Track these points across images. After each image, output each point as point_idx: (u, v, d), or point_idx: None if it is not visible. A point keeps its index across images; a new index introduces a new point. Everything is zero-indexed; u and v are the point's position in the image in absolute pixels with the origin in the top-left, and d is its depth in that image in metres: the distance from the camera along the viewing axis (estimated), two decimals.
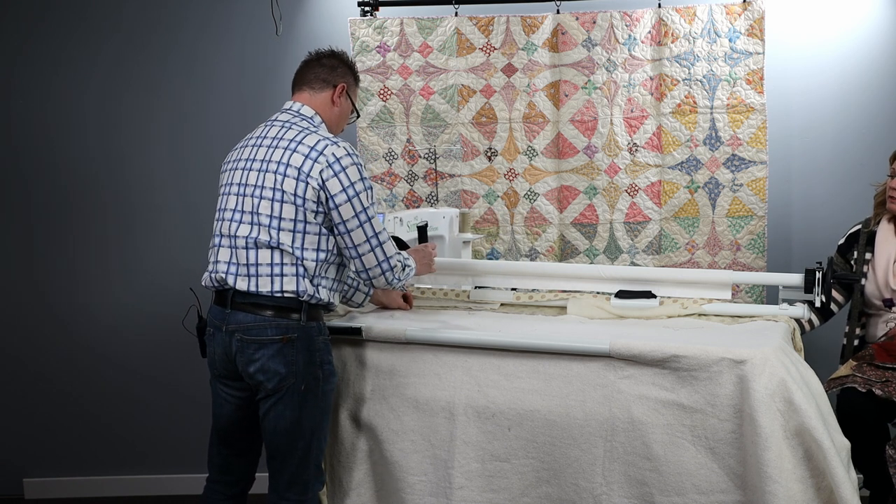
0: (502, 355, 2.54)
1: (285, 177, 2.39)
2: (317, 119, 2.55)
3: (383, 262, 2.46)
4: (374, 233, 2.43)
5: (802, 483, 2.23)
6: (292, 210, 2.38)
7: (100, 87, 3.81)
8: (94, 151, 3.84)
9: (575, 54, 3.45)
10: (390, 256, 2.47)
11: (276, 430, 2.43)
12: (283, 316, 2.39)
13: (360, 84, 2.74)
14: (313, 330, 2.44)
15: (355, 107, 2.67)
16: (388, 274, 2.47)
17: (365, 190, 2.43)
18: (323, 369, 2.46)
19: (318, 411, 2.47)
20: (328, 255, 2.44)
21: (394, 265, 2.48)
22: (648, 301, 2.85)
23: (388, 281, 2.49)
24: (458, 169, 3.54)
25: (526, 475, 2.50)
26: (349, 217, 2.39)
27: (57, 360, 3.94)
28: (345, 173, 2.39)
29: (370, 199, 2.44)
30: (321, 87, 2.57)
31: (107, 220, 3.85)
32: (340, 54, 2.64)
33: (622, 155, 3.49)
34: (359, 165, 2.43)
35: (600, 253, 3.55)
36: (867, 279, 3.04)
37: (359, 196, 2.40)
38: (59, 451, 3.99)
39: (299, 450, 2.45)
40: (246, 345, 2.39)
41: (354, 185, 2.40)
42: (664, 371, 2.36)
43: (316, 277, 2.43)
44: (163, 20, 3.77)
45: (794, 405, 2.23)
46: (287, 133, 2.47)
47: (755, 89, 3.40)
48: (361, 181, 2.42)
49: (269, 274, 2.39)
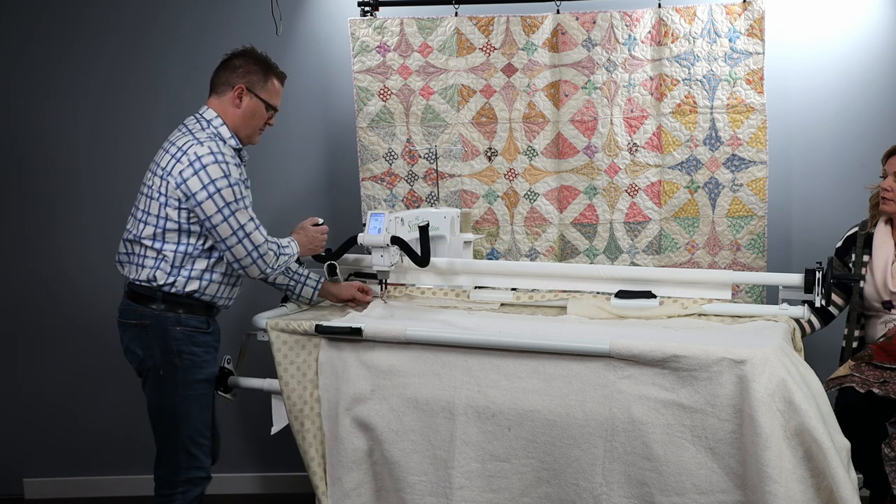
0: (502, 355, 2.54)
1: (157, 177, 2.62)
2: (217, 121, 2.70)
3: (252, 251, 2.61)
4: (240, 225, 2.58)
5: (802, 483, 2.23)
6: (157, 206, 2.60)
7: (100, 87, 3.81)
8: (94, 152, 3.84)
9: (575, 54, 3.45)
10: (259, 245, 2.61)
11: (147, 409, 2.72)
12: (141, 303, 2.65)
13: (278, 78, 2.80)
14: (169, 320, 2.62)
15: (269, 104, 2.76)
16: (260, 262, 2.62)
17: (229, 186, 2.56)
18: (182, 359, 2.63)
19: (181, 398, 2.65)
20: (192, 249, 2.61)
21: (264, 253, 2.62)
22: (648, 301, 2.85)
23: (261, 270, 2.64)
24: (458, 169, 3.54)
25: (526, 475, 2.50)
26: (212, 213, 2.56)
27: (57, 361, 3.94)
28: (205, 171, 2.55)
29: (236, 194, 2.58)
30: (223, 90, 2.73)
31: (106, 220, 3.85)
32: (246, 52, 2.76)
33: (622, 155, 3.49)
34: (221, 163, 2.56)
35: (600, 253, 3.54)
36: (865, 281, 3.04)
37: (220, 192, 2.55)
38: (59, 451, 3.99)
39: (163, 431, 2.69)
40: (119, 326, 2.73)
41: (215, 182, 2.54)
42: (664, 371, 2.37)
43: (176, 268, 2.61)
44: (162, 20, 3.77)
45: (794, 405, 2.23)
46: (178, 139, 2.66)
47: (755, 89, 3.40)
48: (225, 178, 2.56)
49: (134, 263, 2.67)
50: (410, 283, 3.16)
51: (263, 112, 2.75)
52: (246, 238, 2.59)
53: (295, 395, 2.71)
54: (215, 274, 2.67)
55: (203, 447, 2.72)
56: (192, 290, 2.64)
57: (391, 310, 2.96)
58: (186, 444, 2.68)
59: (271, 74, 2.77)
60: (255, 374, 2.92)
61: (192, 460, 2.69)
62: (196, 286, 2.64)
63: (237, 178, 2.59)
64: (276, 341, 2.73)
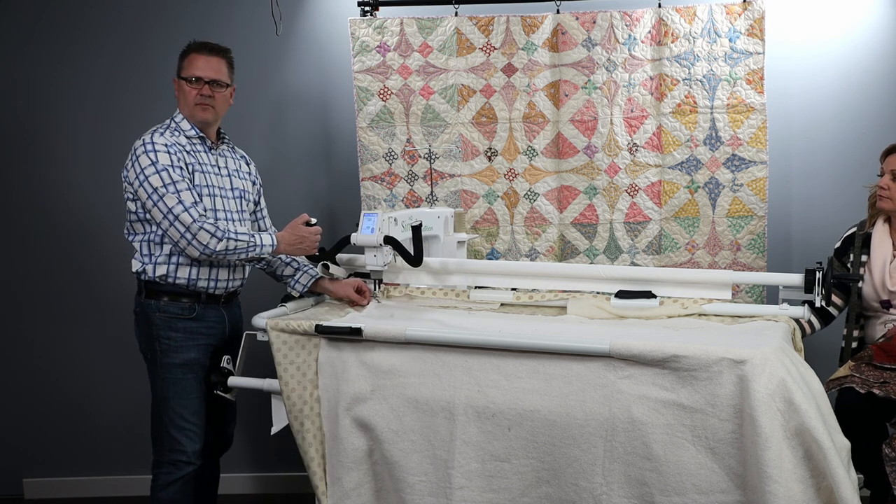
0: (502, 355, 2.53)
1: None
2: (178, 116, 2.86)
3: (185, 233, 2.68)
4: (168, 209, 2.67)
5: (802, 483, 2.23)
6: (125, 203, 2.78)
7: (100, 86, 3.81)
8: (94, 152, 3.84)
9: (575, 54, 3.45)
10: (189, 226, 2.67)
11: None
12: (136, 293, 2.84)
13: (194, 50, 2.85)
14: (150, 307, 2.78)
15: (185, 77, 2.84)
16: (195, 242, 2.68)
17: (156, 173, 2.67)
18: (160, 343, 2.78)
19: (161, 382, 2.80)
20: (154, 236, 2.75)
21: (196, 233, 2.67)
22: (648, 301, 2.85)
23: (199, 251, 2.69)
24: (457, 169, 3.54)
25: (526, 475, 2.49)
26: (145, 199, 2.70)
27: (57, 361, 3.94)
28: (137, 161, 2.70)
29: (164, 180, 2.67)
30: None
31: (107, 220, 3.85)
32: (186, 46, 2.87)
33: (622, 155, 3.48)
34: (150, 152, 2.70)
35: (600, 253, 3.54)
36: (864, 281, 3.04)
37: (148, 180, 2.67)
38: (59, 451, 3.99)
39: (153, 413, 2.85)
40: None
41: (145, 170, 2.68)
42: (664, 371, 2.36)
43: (145, 256, 2.77)
44: (162, 20, 3.77)
45: (794, 405, 2.23)
46: None
47: (755, 89, 3.40)
48: (152, 165, 2.68)
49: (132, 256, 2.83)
50: (404, 282, 3.16)
51: (187, 89, 2.82)
52: (176, 220, 2.67)
53: (295, 395, 2.71)
54: (181, 257, 2.77)
55: (186, 432, 2.80)
56: (162, 275, 2.76)
57: (391, 310, 2.96)
58: (168, 427, 2.80)
59: (189, 52, 2.85)
60: (255, 374, 2.92)
61: (174, 443, 2.80)
62: (164, 270, 2.76)
63: (166, 164, 2.69)
64: (275, 341, 2.72)
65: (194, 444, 2.83)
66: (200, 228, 2.67)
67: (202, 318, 2.83)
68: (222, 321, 2.90)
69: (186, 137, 2.81)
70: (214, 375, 2.85)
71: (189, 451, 2.82)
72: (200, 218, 2.69)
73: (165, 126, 2.82)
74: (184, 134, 2.81)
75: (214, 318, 2.87)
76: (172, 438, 2.80)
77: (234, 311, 2.98)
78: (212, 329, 2.86)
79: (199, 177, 2.78)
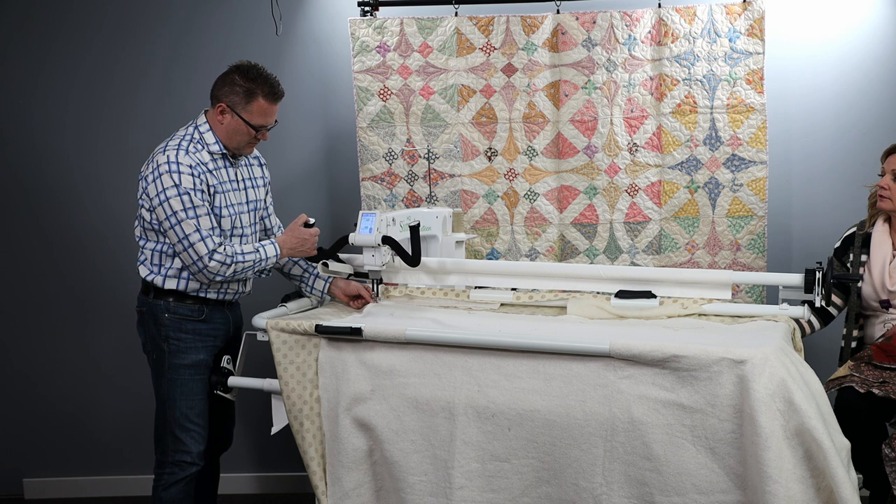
0: (502, 355, 2.54)
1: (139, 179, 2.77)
2: (205, 127, 2.78)
3: (197, 261, 2.69)
4: (185, 234, 2.66)
5: (802, 483, 2.23)
6: (139, 207, 2.76)
7: (99, 86, 3.81)
8: (94, 152, 3.84)
9: (575, 54, 3.45)
10: (201, 257, 2.67)
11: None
12: (142, 292, 2.84)
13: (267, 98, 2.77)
14: (159, 308, 2.78)
15: (251, 124, 2.76)
16: (206, 271, 2.69)
17: (178, 196, 2.65)
18: (169, 343, 2.78)
19: (167, 382, 2.79)
20: (167, 248, 2.75)
21: (206, 265, 2.68)
22: (648, 301, 2.85)
23: (207, 278, 2.72)
24: (457, 169, 3.54)
25: (526, 475, 2.50)
26: (163, 219, 2.69)
27: (57, 361, 3.94)
28: (160, 179, 2.66)
29: (185, 203, 2.65)
30: (212, 102, 2.82)
31: (106, 221, 3.85)
32: (239, 68, 2.77)
33: (622, 155, 3.48)
34: (174, 173, 2.65)
35: (600, 253, 3.54)
36: (864, 281, 3.04)
37: (169, 202, 2.65)
38: (59, 451, 3.99)
39: (158, 413, 2.84)
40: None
41: (166, 191, 2.65)
42: (664, 371, 2.37)
43: (156, 266, 2.78)
44: (163, 20, 3.77)
45: (794, 405, 2.23)
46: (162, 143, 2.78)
47: (755, 89, 3.40)
48: (175, 187, 2.64)
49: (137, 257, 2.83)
50: (402, 282, 3.16)
51: (245, 130, 2.77)
52: (190, 248, 2.68)
53: (295, 394, 2.71)
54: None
55: (191, 433, 2.80)
56: (172, 288, 2.77)
57: (391, 309, 2.96)
58: (172, 428, 2.80)
59: (257, 95, 2.75)
60: (255, 374, 2.93)
61: (178, 444, 2.80)
62: (174, 284, 2.77)
63: (189, 188, 2.65)
64: (275, 341, 2.72)
65: (199, 445, 2.83)
66: (212, 259, 2.68)
67: (210, 320, 2.84)
68: (227, 322, 2.92)
69: (209, 153, 2.77)
70: (214, 375, 2.86)
71: (193, 452, 2.82)
72: (213, 249, 2.69)
73: (189, 138, 2.75)
74: (207, 148, 2.76)
75: (220, 319, 2.89)
76: (177, 439, 2.80)
77: (236, 312, 2.99)
78: (218, 330, 2.88)
79: (219, 198, 2.76)
